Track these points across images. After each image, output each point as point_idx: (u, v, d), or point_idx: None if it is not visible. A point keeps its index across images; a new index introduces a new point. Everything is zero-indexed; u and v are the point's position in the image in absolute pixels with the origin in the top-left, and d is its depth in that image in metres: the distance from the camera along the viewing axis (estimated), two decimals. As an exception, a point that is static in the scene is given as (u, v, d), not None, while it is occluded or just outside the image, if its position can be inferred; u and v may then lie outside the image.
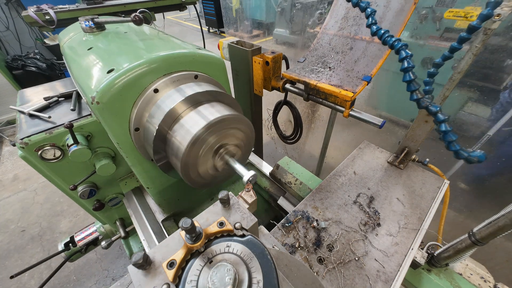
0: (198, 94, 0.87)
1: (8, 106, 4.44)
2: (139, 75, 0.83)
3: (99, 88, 0.79)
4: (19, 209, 3.30)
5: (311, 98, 1.38)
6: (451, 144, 0.87)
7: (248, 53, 1.43)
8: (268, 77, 1.47)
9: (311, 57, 1.46)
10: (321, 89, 1.26)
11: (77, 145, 1.12)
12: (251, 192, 0.98)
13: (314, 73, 1.36)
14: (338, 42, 1.38)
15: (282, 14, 3.52)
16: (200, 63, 0.99)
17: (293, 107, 1.74)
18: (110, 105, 0.82)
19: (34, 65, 4.42)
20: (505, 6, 0.89)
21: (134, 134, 0.91)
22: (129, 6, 2.22)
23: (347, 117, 1.24)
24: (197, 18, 2.97)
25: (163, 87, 0.89)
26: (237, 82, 1.67)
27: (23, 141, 1.08)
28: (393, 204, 1.13)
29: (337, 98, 1.22)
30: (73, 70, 1.14)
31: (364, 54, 1.27)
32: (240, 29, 4.55)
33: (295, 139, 1.90)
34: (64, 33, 1.59)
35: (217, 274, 0.44)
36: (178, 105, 0.84)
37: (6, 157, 4.12)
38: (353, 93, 1.15)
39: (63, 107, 1.35)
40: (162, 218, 1.33)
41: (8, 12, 4.59)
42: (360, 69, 1.24)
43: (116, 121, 0.87)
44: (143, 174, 1.08)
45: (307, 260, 0.94)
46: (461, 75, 1.13)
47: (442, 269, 1.05)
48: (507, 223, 0.72)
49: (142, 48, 1.06)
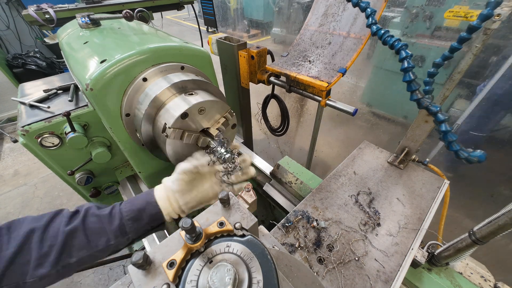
0: (183, 82, 0.94)
1: (8, 104, 4.45)
2: (129, 65, 0.91)
3: (92, 76, 0.87)
4: (20, 203, 3.38)
5: (293, 90, 1.46)
6: (451, 144, 0.87)
7: (234, 47, 1.49)
8: (254, 71, 1.54)
9: (294, 52, 1.55)
10: (300, 80, 1.36)
11: (74, 132, 1.19)
12: (251, 192, 0.98)
13: (295, 66, 1.46)
14: (318, 38, 1.48)
15: (280, 13, 3.53)
16: (187, 56, 1.07)
17: (280, 100, 1.83)
18: (103, 91, 0.89)
19: (34, 64, 4.43)
20: (505, 6, 0.89)
21: (125, 120, 0.99)
22: (127, 6, 2.23)
23: (324, 106, 1.33)
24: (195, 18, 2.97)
25: (151, 76, 0.96)
26: (226, 76, 1.74)
27: (24, 128, 1.15)
28: (393, 204, 1.13)
29: (314, 88, 1.32)
30: (70, 63, 1.20)
31: (341, 48, 1.36)
32: (238, 29, 4.56)
33: (282, 131, 1.99)
34: (62, 29, 1.65)
35: (217, 274, 0.44)
36: (164, 91, 0.91)
37: (7, 153, 4.18)
38: (328, 83, 1.25)
39: (61, 98, 1.42)
40: None
41: (9, 11, 4.59)
42: (337, 62, 1.34)
43: (108, 107, 0.94)
44: (135, 158, 1.15)
45: (307, 260, 0.94)
46: (461, 75, 1.13)
47: (442, 268, 1.05)
48: (507, 222, 0.72)
49: (134, 41, 1.14)
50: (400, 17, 2.50)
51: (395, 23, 2.54)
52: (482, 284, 0.99)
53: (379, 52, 2.81)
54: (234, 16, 4.45)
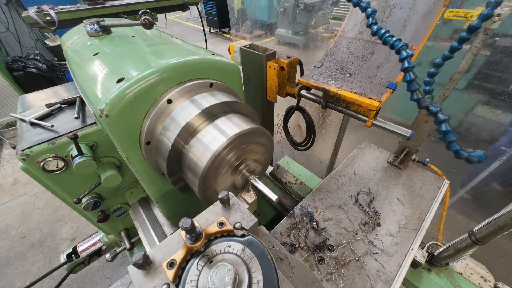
0: (215, 106, 0.82)
1: (8, 108, 4.38)
2: (151, 85, 0.78)
3: (108, 99, 0.73)
4: (20, 214, 3.21)
5: (330, 106, 1.28)
6: (452, 144, 0.87)
7: (262, 57, 1.35)
8: (282, 83, 1.40)
9: (329, 62, 1.35)
10: (343, 97, 1.17)
11: (82, 157, 1.06)
12: (251, 192, 0.98)
13: (333, 79, 1.26)
14: (358, 47, 1.30)
15: (285, 14, 3.50)
16: (215, 70, 0.93)
17: (305, 113, 1.67)
18: (121, 117, 0.76)
19: (34, 66, 4.39)
20: (505, 6, 0.89)
21: (145, 148, 0.85)
22: (131, 7, 2.19)
23: (370, 127, 1.16)
24: (198, 19, 2.98)
25: (176, 97, 0.83)
26: (249, 87, 1.60)
27: (24, 152, 1.00)
28: (393, 204, 1.13)
29: (360, 106, 1.13)
30: (78, 76, 1.07)
31: (388, 59, 1.18)
32: (242, 30, 4.55)
33: (307, 146, 1.81)
34: (67, 36, 1.54)
35: (217, 274, 0.44)
36: (194, 119, 0.79)
37: (6, 160, 4.05)
38: (379, 102, 1.06)
39: (66, 114, 1.28)
40: (171, 232, 1.26)
41: (8, 12, 4.57)
42: (384, 75, 1.15)
43: (126, 135, 0.81)
44: (153, 188, 1.03)
45: (307, 260, 0.94)
46: (461, 75, 1.13)
47: (442, 269, 1.05)
48: (507, 222, 0.72)
49: (152, 54, 1.00)
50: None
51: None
52: (482, 284, 0.99)
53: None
54: (238, 17, 4.44)
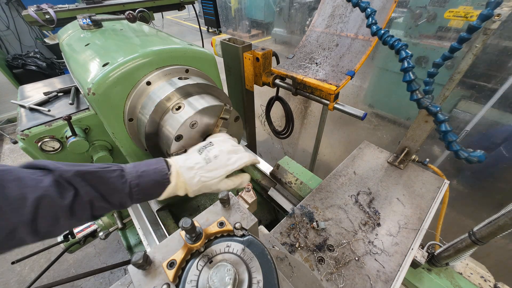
0: (188, 86, 0.93)
1: (8, 105, 4.45)
2: (132, 68, 0.89)
3: (94, 80, 0.85)
4: None
5: (299, 93, 1.43)
6: (451, 144, 0.87)
7: (239, 49, 1.47)
8: (258, 73, 1.51)
9: (300, 54, 1.50)
10: (307, 83, 1.32)
11: (75, 137, 1.17)
12: (251, 192, 0.98)
13: (302, 69, 1.41)
14: (325, 39, 1.44)
15: (281, 13, 3.52)
16: (191, 58, 1.05)
17: (284, 103, 1.80)
18: (106, 96, 0.87)
19: (34, 64, 4.43)
20: (505, 6, 0.89)
21: (128, 125, 0.97)
22: (128, 6, 2.23)
23: (332, 110, 1.30)
24: (196, 18, 2.97)
25: (155, 80, 0.94)
26: (230, 78, 1.72)
27: (23, 132, 1.12)
28: (393, 204, 1.13)
29: (322, 91, 1.28)
30: (71, 65, 1.18)
31: (349, 50, 1.32)
32: (239, 29, 4.56)
33: (286, 134, 1.96)
34: (63, 31, 1.62)
35: (217, 274, 0.44)
36: (167, 97, 0.89)
37: (7, 155, 4.16)
38: (337, 87, 1.21)
39: (62, 101, 1.40)
40: (157, 208, 1.36)
41: (9, 11, 4.59)
42: (345, 64, 1.29)
43: (111, 112, 0.92)
44: None
45: (307, 260, 0.94)
46: (461, 75, 1.13)
47: (442, 269, 1.05)
48: (507, 222, 0.72)
49: (136, 43, 1.11)
50: (403, 18, 2.50)
51: (398, 23, 2.53)
52: (482, 285, 0.99)
53: (382, 53, 2.81)
54: (235, 16, 4.45)
